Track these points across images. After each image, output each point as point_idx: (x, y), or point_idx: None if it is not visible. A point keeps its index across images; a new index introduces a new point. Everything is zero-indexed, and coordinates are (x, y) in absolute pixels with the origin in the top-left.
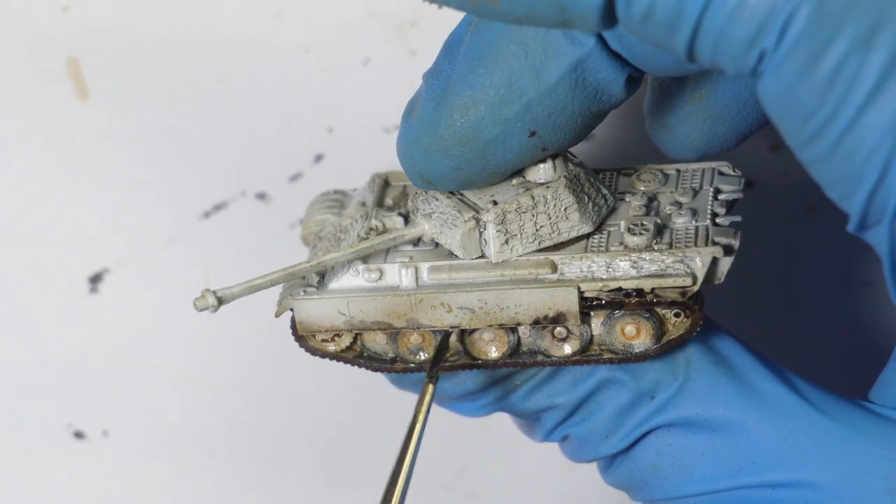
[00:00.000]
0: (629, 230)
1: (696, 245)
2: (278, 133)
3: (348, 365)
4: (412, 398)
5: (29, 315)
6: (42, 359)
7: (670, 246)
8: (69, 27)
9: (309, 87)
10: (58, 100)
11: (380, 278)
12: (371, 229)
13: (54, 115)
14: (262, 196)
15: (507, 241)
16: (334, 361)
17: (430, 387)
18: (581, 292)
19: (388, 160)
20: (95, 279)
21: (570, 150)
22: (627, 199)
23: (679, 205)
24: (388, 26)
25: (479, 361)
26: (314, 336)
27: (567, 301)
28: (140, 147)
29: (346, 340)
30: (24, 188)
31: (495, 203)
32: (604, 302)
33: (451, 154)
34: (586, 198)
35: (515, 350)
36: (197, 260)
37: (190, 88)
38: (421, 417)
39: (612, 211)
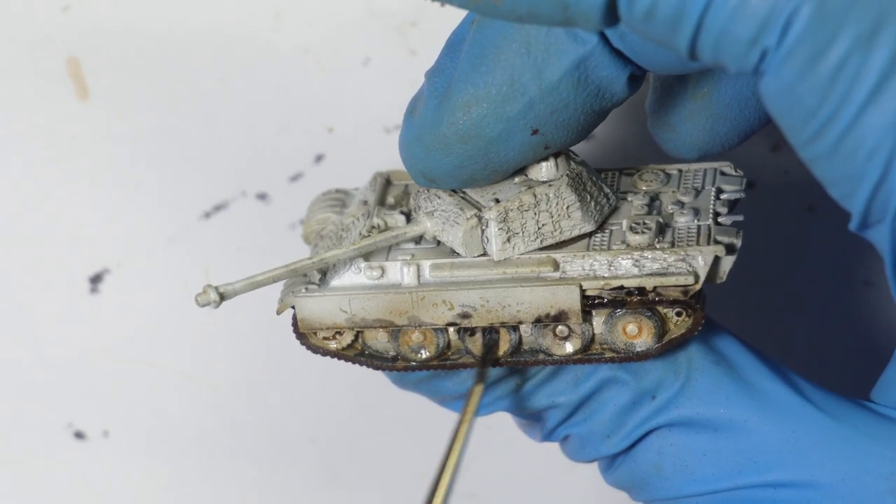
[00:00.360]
0: (631, 229)
1: (698, 244)
2: (278, 133)
3: (349, 364)
4: (413, 398)
5: (29, 315)
6: (42, 359)
7: (672, 245)
8: (69, 27)
9: (309, 87)
10: (58, 100)
11: (381, 276)
12: (373, 227)
13: (54, 115)
14: (262, 196)
15: (508, 239)
16: (335, 360)
17: (479, 387)
18: (583, 290)
19: (389, 160)
20: (96, 279)
21: (572, 149)
22: (629, 199)
23: (681, 204)
24: (388, 26)
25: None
26: (315, 334)
27: (569, 299)
28: (140, 147)
29: (347, 338)
30: (24, 188)
31: (497, 201)
32: (606, 300)
33: (453, 152)
34: (588, 196)
35: (517, 349)
36: (197, 260)
37: (190, 88)
38: (468, 418)
39: (615, 210)
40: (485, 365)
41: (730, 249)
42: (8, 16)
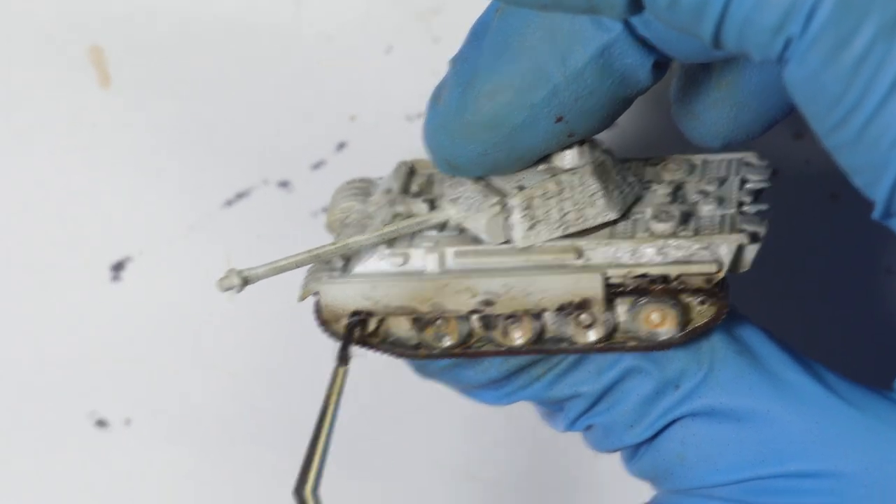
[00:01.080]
0: (655, 217)
1: (722, 232)
2: (301, 121)
3: (370, 351)
4: (429, 385)
5: (51, 304)
6: (64, 347)
7: (696, 233)
8: (92, 14)
9: (331, 74)
10: (80, 87)
11: (405, 262)
12: (396, 214)
13: (76, 103)
14: (284, 184)
15: (532, 227)
16: (357, 347)
17: (341, 370)
18: (606, 278)
19: (411, 148)
20: (118, 267)
21: (596, 138)
22: (654, 188)
23: (705, 193)
24: (410, 14)
25: (504, 348)
26: (338, 321)
27: (592, 287)
28: (162, 135)
29: (370, 326)
30: (45, 176)
31: (521, 188)
32: (629, 288)
33: (477, 139)
34: (612, 185)
35: (540, 337)
36: (219, 248)
37: (212, 76)
38: (332, 402)
39: (638, 199)
40: (346, 346)
41: (754, 238)
42: (30, 3)
